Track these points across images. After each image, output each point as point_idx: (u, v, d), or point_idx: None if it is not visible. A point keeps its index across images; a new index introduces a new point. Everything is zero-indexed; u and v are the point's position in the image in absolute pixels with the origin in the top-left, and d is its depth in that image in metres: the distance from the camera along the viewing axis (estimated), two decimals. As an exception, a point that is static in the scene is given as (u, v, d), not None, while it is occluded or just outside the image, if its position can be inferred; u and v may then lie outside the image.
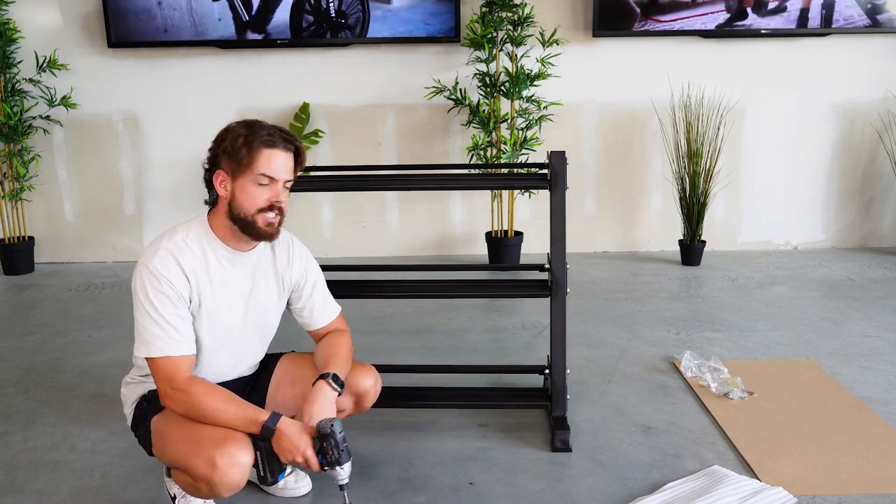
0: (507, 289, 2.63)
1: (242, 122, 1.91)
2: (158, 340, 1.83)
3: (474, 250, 4.80)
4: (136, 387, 2.03)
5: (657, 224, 4.80)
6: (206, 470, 1.72)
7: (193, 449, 1.76)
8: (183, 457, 1.79)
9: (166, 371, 1.83)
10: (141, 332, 1.85)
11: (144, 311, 1.84)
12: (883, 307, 3.67)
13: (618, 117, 4.67)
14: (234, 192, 1.88)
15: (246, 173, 1.86)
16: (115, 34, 4.42)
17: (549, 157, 2.28)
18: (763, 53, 4.58)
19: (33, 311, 3.88)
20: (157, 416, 1.94)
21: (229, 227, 1.92)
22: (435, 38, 4.44)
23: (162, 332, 1.83)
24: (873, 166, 4.74)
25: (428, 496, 2.13)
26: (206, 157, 1.93)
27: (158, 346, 1.83)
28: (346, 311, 2.24)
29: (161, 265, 1.85)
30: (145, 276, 1.84)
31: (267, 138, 1.87)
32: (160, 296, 1.83)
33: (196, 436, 1.78)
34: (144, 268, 1.85)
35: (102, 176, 4.72)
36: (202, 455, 1.73)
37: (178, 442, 1.82)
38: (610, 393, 2.78)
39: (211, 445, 1.74)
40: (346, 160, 4.67)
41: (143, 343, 1.84)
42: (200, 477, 1.74)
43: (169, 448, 1.86)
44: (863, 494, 2.09)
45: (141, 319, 1.84)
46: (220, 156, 1.89)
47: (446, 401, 2.55)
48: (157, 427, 1.93)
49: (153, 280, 1.83)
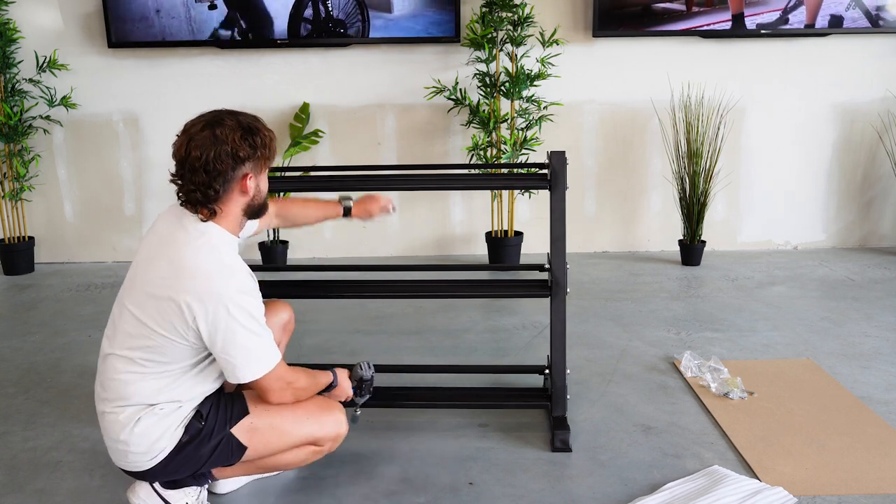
0: (507, 289, 2.64)
1: (220, 119, 1.83)
2: (268, 351, 1.85)
3: (474, 250, 4.80)
4: (172, 415, 1.88)
5: (657, 224, 4.80)
6: (337, 428, 2.04)
7: (317, 420, 2.00)
8: (311, 429, 1.99)
9: (280, 374, 1.89)
10: (248, 356, 1.81)
11: (252, 335, 1.80)
12: (883, 307, 3.67)
13: (618, 117, 4.67)
14: (260, 186, 1.92)
15: (267, 164, 1.91)
16: (115, 34, 4.42)
17: (549, 157, 2.28)
18: (763, 53, 4.57)
19: (33, 311, 3.88)
20: (248, 419, 1.93)
21: (239, 221, 1.92)
22: (435, 39, 4.44)
23: (268, 342, 1.85)
24: (873, 166, 4.74)
25: (428, 496, 2.13)
26: (213, 168, 1.80)
27: (270, 358, 1.86)
28: (347, 311, 2.25)
29: (248, 283, 1.83)
30: (244, 301, 1.79)
31: (246, 113, 1.90)
32: (261, 309, 1.85)
33: (309, 411, 2.00)
34: (238, 295, 1.78)
35: (102, 176, 4.72)
36: (329, 420, 2.02)
37: (297, 424, 1.97)
38: (610, 393, 2.78)
39: (327, 411, 2.03)
40: (346, 160, 4.67)
41: (255, 362, 1.82)
42: (329, 437, 2.03)
43: (288, 435, 1.97)
44: (863, 494, 2.09)
45: (249, 343, 1.80)
46: (250, 160, 1.84)
47: (446, 401, 2.55)
48: (256, 427, 1.94)
49: (251, 300, 1.81)
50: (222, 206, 1.87)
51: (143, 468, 1.90)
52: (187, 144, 1.81)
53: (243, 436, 1.93)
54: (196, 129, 1.82)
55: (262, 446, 1.96)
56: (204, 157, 1.79)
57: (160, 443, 1.87)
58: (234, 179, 1.84)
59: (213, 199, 1.84)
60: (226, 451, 1.92)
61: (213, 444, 1.91)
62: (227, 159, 1.81)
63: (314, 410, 2.01)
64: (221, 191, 1.84)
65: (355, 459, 2.33)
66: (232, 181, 1.84)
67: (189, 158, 1.80)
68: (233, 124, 1.83)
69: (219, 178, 1.82)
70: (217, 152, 1.80)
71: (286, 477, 2.22)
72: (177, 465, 1.91)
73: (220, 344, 1.79)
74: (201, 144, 1.79)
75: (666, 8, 4.39)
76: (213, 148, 1.80)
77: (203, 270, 1.78)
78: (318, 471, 2.24)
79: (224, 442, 1.92)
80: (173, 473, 1.93)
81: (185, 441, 1.89)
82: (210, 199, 1.84)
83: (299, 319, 3.52)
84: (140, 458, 1.88)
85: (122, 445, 1.87)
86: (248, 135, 1.84)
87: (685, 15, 4.41)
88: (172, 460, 1.89)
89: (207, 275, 1.78)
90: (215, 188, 1.82)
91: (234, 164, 1.82)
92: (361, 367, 2.19)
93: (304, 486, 2.19)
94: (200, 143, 1.79)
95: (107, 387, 1.88)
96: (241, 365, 1.81)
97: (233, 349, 1.79)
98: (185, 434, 1.89)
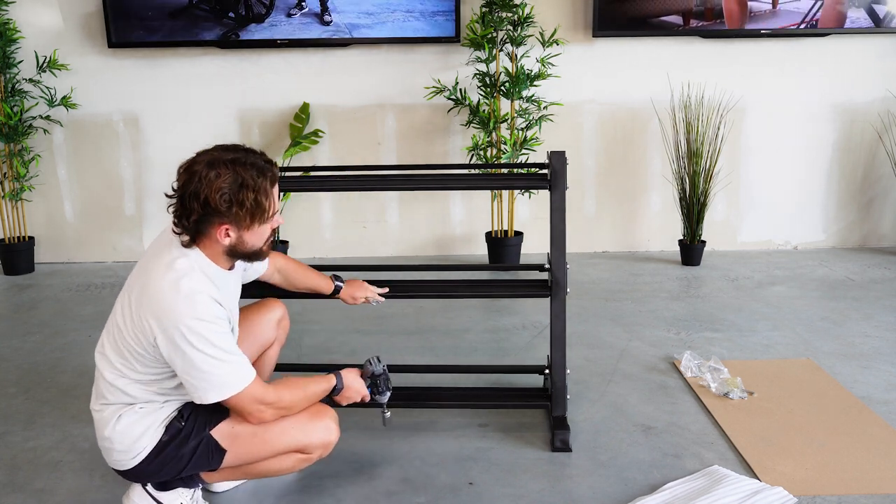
0: (507, 289, 2.64)
1: (220, 161, 1.76)
2: (233, 376, 1.81)
3: (474, 250, 4.80)
4: (153, 413, 1.90)
5: (657, 224, 4.80)
6: (326, 435, 2.00)
7: (304, 427, 1.96)
8: (296, 438, 1.95)
9: (253, 396, 1.84)
10: (209, 379, 1.78)
11: (211, 360, 1.77)
12: (883, 307, 3.67)
13: (618, 117, 4.67)
14: (243, 238, 1.84)
15: (262, 221, 1.83)
16: (116, 34, 4.42)
17: (549, 157, 2.29)
18: (763, 53, 4.57)
19: (33, 311, 3.88)
20: (229, 423, 1.91)
21: (220, 256, 1.88)
22: (435, 39, 4.45)
23: (233, 367, 1.81)
24: (873, 166, 4.74)
25: (428, 496, 2.13)
26: (186, 204, 1.76)
27: (236, 382, 1.81)
28: (347, 311, 2.25)
29: (207, 310, 1.77)
30: (201, 328, 1.75)
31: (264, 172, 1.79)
32: (223, 335, 1.79)
33: (296, 419, 1.95)
34: (194, 321, 1.74)
35: (102, 176, 4.72)
36: (318, 427, 1.98)
37: (281, 433, 1.93)
38: (610, 393, 2.78)
39: (315, 418, 1.98)
40: (346, 160, 4.67)
41: (217, 387, 1.79)
42: (319, 445, 1.99)
43: (270, 443, 1.93)
44: (863, 494, 2.09)
45: (208, 368, 1.77)
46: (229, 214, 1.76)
47: (446, 401, 2.55)
48: (237, 432, 1.91)
49: (210, 326, 1.76)
50: (200, 240, 1.85)
51: (126, 467, 1.92)
52: (187, 167, 1.79)
53: (223, 440, 1.92)
54: (203, 157, 1.79)
55: (243, 452, 1.94)
56: (183, 189, 1.78)
57: (141, 441, 1.89)
58: (208, 223, 1.80)
59: (188, 230, 1.81)
60: (205, 454, 1.92)
61: (192, 445, 1.90)
62: (194, 203, 1.76)
63: (301, 418, 1.96)
64: (196, 230, 1.81)
65: (355, 459, 2.33)
66: (207, 225, 1.80)
67: (180, 179, 1.79)
68: (227, 173, 1.75)
69: (192, 216, 1.78)
70: (195, 191, 1.75)
71: (286, 476, 2.22)
72: (159, 465, 1.91)
73: (179, 366, 1.79)
74: (190, 175, 1.77)
75: (663, 22, 4.40)
76: (192, 185, 1.76)
77: (162, 294, 1.76)
78: (318, 470, 2.24)
79: (203, 444, 1.91)
80: (157, 474, 1.93)
81: (165, 440, 1.89)
82: (186, 229, 1.81)
83: (299, 319, 3.54)
84: (123, 456, 1.90)
85: (106, 443, 1.91)
86: (237, 191, 1.76)
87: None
88: (154, 460, 1.90)
89: (165, 299, 1.76)
90: (184, 223, 1.80)
91: (204, 212, 1.77)
92: (371, 363, 2.16)
93: (304, 485, 2.19)
94: (190, 174, 1.77)
95: (96, 384, 1.93)
96: (202, 388, 1.79)
97: (192, 371, 1.78)
98: (166, 433, 1.90)
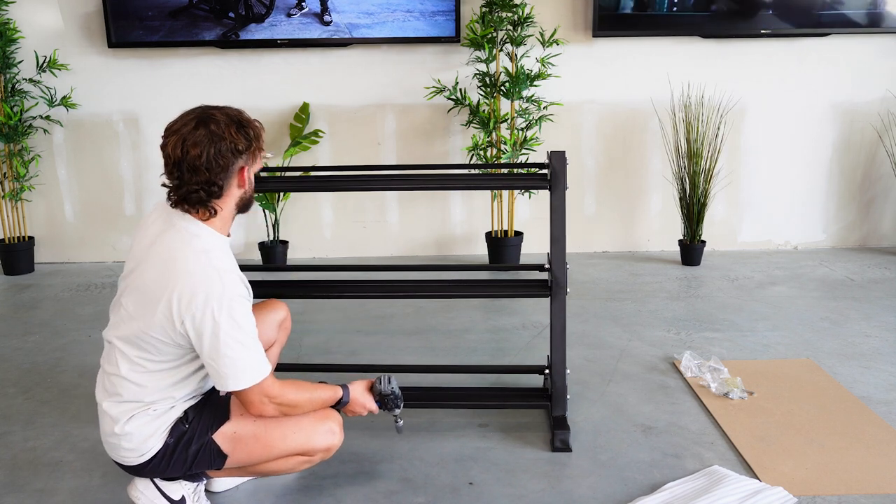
0: (507, 289, 2.63)
1: (209, 115, 1.81)
2: (257, 363, 1.81)
3: (474, 250, 4.80)
4: (163, 415, 1.90)
5: (657, 224, 4.80)
6: (330, 439, 2.00)
7: (308, 430, 1.96)
8: (298, 442, 1.96)
9: (266, 389, 1.84)
10: (235, 364, 1.77)
11: (237, 343, 1.76)
12: (883, 307, 3.67)
13: (618, 117, 4.67)
14: (251, 178, 1.91)
15: (259, 154, 1.90)
16: (115, 34, 4.42)
17: (549, 157, 2.28)
18: (763, 53, 4.57)
19: (33, 311, 3.88)
20: (230, 427, 1.92)
21: (231, 217, 1.91)
22: (435, 39, 4.44)
23: (256, 354, 1.81)
24: (873, 166, 4.74)
25: (428, 496, 2.13)
26: (215, 164, 1.79)
27: (257, 371, 1.81)
28: (347, 311, 2.25)
29: (236, 290, 1.79)
30: (233, 309, 1.75)
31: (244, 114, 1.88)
32: (250, 318, 1.80)
33: (298, 423, 1.96)
34: (227, 301, 1.75)
35: (102, 176, 4.71)
36: (320, 430, 1.98)
37: (283, 437, 1.94)
38: (610, 393, 2.78)
39: (319, 422, 1.98)
40: (346, 160, 4.67)
41: (241, 372, 1.78)
42: (321, 448, 1.99)
43: (272, 447, 1.94)
44: (863, 494, 2.09)
45: (233, 353, 1.76)
46: (246, 152, 1.84)
47: (446, 401, 2.55)
48: (239, 436, 1.91)
49: (240, 308, 1.77)
50: (221, 204, 1.86)
51: (133, 463, 1.92)
52: (182, 144, 1.79)
53: (225, 444, 1.92)
54: (188, 129, 1.80)
55: (244, 455, 1.94)
56: (205, 155, 1.78)
57: (149, 442, 1.89)
58: (233, 174, 1.85)
59: (216, 195, 1.83)
60: (207, 457, 1.92)
61: (195, 448, 1.91)
62: (227, 154, 1.80)
63: (304, 422, 1.96)
64: (224, 186, 1.84)
65: (355, 459, 2.33)
66: (232, 176, 1.84)
67: (187, 158, 1.78)
68: (224, 119, 1.82)
69: (221, 174, 1.81)
70: (218, 149, 1.79)
71: (286, 476, 2.22)
72: (165, 465, 1.92)
73: (206, 349, 1.78)
74: (199, 142, 1.78)
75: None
76: (213, 145, 1.79)
77: (192, 273, 1.77)
78: (318, 470, 2.24)
79: (205, 448, 1.91)
80: (163, 472, 1.94)
81: (171, 443, 1.90)
82: (213, 195, 1.83)
83: (299, 319, 3.54)
84: (130, 454, 1.90)
85: (114, 439, 1.90)
86: (242, 128, 1.84)
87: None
88: (161, 460, 1.91)
89: (197, 278, 1.77)
90: (218, 184, 1.82)
91: (234, 158, 1.82)
92: (381, 382, 2.14)
93: (304, 485, 2.19)
94: (198, 141, 1.78)
95: (107, 379, 1.90)
96: (227, 374, 1.79)
97: (218, 357, 1.77)
98: (171, 436, 1.90)
